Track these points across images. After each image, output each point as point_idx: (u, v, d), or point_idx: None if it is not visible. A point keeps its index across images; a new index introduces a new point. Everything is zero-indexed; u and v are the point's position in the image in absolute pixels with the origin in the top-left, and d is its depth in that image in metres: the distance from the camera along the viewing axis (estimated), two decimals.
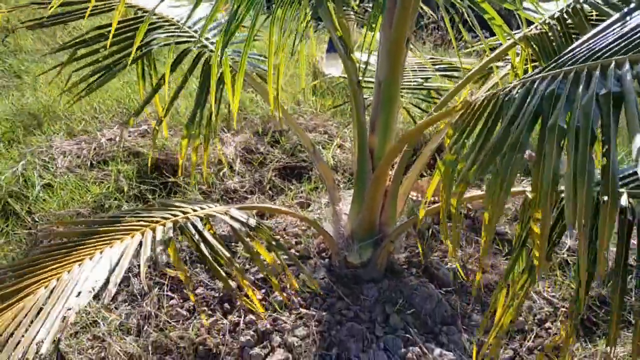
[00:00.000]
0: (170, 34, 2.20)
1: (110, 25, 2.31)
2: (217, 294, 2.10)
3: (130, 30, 2.26)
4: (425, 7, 2.39)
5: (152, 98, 2.19)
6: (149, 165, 2.82)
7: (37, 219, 2.38)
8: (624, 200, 1.32)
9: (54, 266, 1.38)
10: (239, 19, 1.61)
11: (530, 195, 1.13)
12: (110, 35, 1.87)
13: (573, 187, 0.89)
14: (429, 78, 2.79)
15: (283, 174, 3.05)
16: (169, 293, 2.10)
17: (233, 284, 2.02)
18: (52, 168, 2.75)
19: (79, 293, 1.17)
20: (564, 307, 2.22)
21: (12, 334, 1.16)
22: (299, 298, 2.02)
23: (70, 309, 1.13)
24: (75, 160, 2.84)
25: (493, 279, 2.30)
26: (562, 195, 0.98)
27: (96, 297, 1.62)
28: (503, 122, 1.16)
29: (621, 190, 1.41)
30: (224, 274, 1.38)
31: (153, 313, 1.99)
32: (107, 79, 2.09)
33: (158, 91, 2.20)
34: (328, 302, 2.01)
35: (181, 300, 2.08)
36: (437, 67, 2.87)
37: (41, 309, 1.21)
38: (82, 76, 2.10)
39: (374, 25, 2.05)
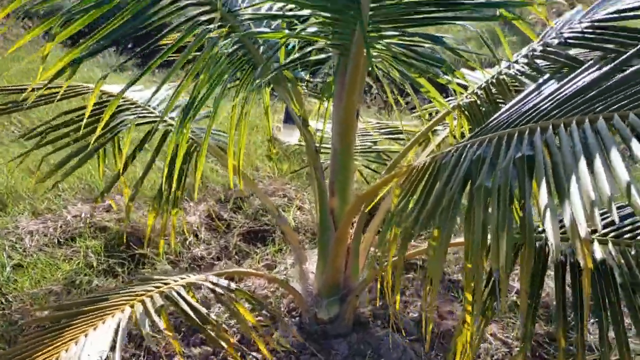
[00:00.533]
0: (137, 114, 2.37)
1: (75, 110, 2.49)
2: None
3: (98, 113, 2.42)
4: (367, 78, 2.65)
5: (118, 178, 2.32)
6: (117, 239, 2.92)
7: (10, 299, 2.43)
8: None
9: (47, 349, 1.46)
10: (197, 106, 1.79)
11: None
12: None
13: (496, 237, 1.08)
14: (377, 141, 3.04)
15: (248, 239, 3.18)
16: None
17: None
18: (21, 248, 2.80)
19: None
20: (517, 346, 2.40)
21: None
22: (274, 358, 2.13)
23: None
24: (42, 239, 2.90)
25: (452, 325, 2.47)
26: None
27: None
28: (440, 183, 1.36)
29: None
30: (214, 335, 1.50)
31: None
32: (82, 162, 2.22)
33: (126, 170, 2.34)
34: (302, 359, 2.12)
35: None
36: (383, 130, 3.13)
37: None
38: (58, 161, 2.23)
39: (327, 99, 2.29)
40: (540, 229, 1.67)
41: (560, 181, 1.10)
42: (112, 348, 1.35)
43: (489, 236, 1.12)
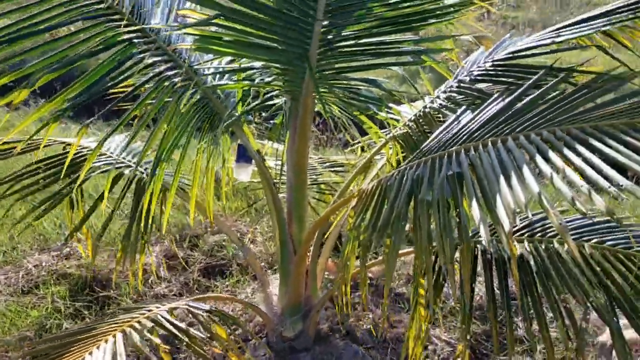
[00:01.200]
0: (103, 162, 2.54)
1: (41, 160, 2.62)
2: None
3: (61, 164, 2.57)
4: None
5: (84, 222, 2.47)
6: (80, 284, 3.03)
7: None
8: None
9: None
10: (168, 152, 2.02)
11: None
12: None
13: (441, 239, 1.37)
14: (321, 174, 3.34)
15: (206, 274, 3.35)
16: None
17: None
18: None
19: None
20: (459, 345, 2.70)
21: None
22: None
23: None
24: (6, 289, 2.96)
25: (401, 332, 2.74)
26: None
27: None
28: (388, 201, 1.65)
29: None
30: (202, 352, 1.69)
31: None
32: (51, 207, 2.36)
33: (89, 217, 2.48)
34: None
35: None
36: (325, 164, 3.44)
37: None
38: (29, 209, 2.35)
39: (275, 139, 2.56)
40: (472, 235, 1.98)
41: (485, 191, 1.40)
42: None
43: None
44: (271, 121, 2.48)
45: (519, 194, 1.33)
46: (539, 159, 1.42)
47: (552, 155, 1.41)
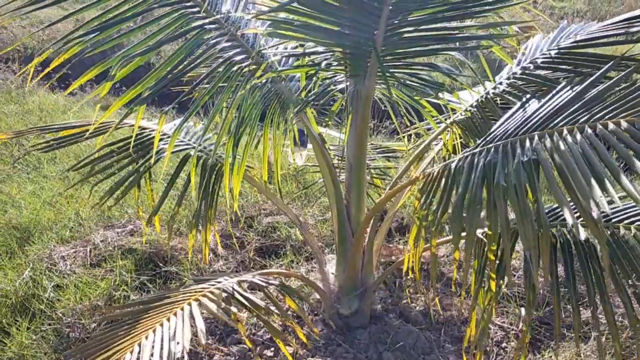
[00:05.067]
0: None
1: (114, 143, 2.65)
2: (233, 358, 2.34)
3: (133, 146, 2.60)
4: None
5: (163, 201, 2.49)
6: (145, 259, 3.08)
7: (60, 315, 2.55)
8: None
9: (124, 340, 1.62)
10: (243, 129, 2.01)
11: (486, 236, 1.56)
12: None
13: (522, 223, 1.31)
14: (373, 159, 3.30)
15: (261, 253, 3.36)
16: None
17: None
18: (57, 271, 2.92)
19: (177, 343, 1.44)
20: (512, 330, 2.64)
21: None
22: (305, 351, 2.31)
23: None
24: (76, 262, 3.03)
25: (454, 314, 2.69)
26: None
27: None
28: (460, 185, 1.60)
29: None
30: (266, 319, 1.68)
31: None
32: (129, 188, 2.39)
33: (168, 194, 2.50)
34: (330, 349, 2.31)
35: None
36: (377, 150, 3.40)
37: None
38: (108, 189, 2.40)
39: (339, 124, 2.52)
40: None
41: (566, 178, 1.33)
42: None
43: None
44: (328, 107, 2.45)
45: (603, 180, 1.27)
46: (619, 148, 1.36)
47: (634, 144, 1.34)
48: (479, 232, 1.79)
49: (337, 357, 2.26)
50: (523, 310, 2.70)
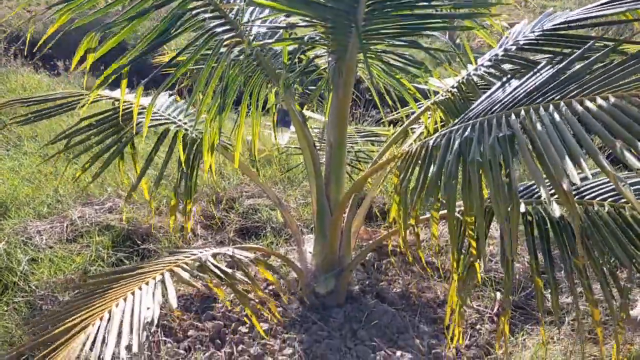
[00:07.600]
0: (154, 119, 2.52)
1: (92, 116, 2.61)
2: (207, 334, 2.32)
3: (110, 121, 2.56)
4: None
5: (142, 176, 2.46)
6: (122, 236, 3.05)
7: (33, 287, 2.52)
8: (523, 207, 1.79)
9: (96, 307, 1.60)
10: (228, 104, 1.98)
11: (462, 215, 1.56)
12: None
13: (495, 198, 1.31)
14: (356, 143, 3.29)
15: (241, 234, 3.34)
16: (164, 338, 2.30)
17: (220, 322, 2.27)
18: (32, 245, 2.88)
19: (148, 308, 1.42)
20: (487, 313, 2.65)
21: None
22: (281, 328, 2.30)
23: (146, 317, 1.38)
24: (52, 237, 2.99)
25: (430, 297, 2.70)
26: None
27: None
28: (436, 161, 1.59)
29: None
30: (242, 291, 1.67)
31: (154, 356, 2.19)
32: (107, 163, 2.36)
33: (147, 170, 2.47)
34: (305, 326, 2.30)
35: (176, 343, 2.29)
36: (361, 134, 3.39)
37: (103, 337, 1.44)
38: (84, 164, 2.35)
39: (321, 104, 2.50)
40: None
41: (539, 153, 1.33)
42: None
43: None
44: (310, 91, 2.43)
45: (577, 155, 1.27)
46: (592, 123, 1.36)
47: (608, 119, 1.34)
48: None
49: (312, 334, 2.25)
50: (499, 294, 2.71)
